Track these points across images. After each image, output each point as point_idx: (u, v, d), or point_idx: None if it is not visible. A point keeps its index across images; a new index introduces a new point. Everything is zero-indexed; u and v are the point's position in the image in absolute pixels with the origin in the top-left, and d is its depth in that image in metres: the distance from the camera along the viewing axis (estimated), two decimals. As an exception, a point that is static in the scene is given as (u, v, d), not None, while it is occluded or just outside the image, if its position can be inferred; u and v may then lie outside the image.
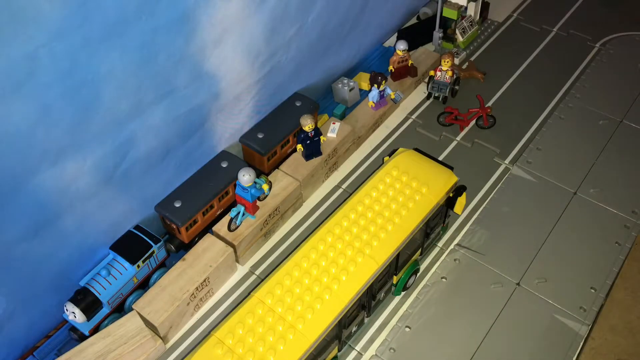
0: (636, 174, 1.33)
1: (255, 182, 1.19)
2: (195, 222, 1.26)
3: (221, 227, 1.25)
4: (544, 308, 1.19)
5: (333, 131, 1.40)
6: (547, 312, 1.18)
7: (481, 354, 1.13)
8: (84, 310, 1.12)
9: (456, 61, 1.71)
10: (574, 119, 1.55)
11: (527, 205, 1.36)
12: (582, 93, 1.62)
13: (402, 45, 1.53)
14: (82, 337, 1.14)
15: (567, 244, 1.29)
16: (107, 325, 1.14)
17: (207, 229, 1.30)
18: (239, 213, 1.23)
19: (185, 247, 1.27)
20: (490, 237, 1.31)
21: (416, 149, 1.26)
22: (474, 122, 1.55)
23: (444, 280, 1.23)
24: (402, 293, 1.22)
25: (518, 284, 1.22)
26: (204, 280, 1.18)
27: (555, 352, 1.13)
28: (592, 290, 1.21)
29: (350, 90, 1.57)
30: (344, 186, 1.43)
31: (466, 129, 1.54)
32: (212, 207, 1.29)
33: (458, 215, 1.33)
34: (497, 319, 1.17)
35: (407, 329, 1.16)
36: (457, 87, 1.60)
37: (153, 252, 1.21)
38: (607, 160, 1.45)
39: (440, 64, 1.54)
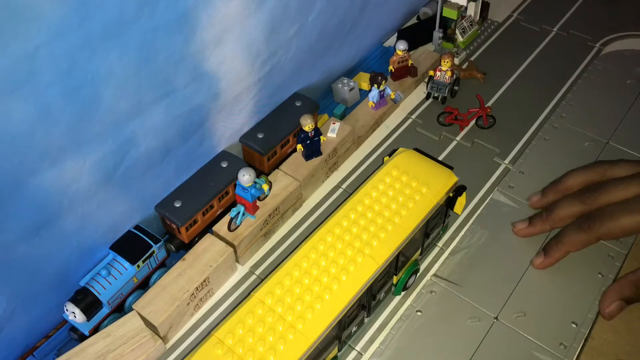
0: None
1: (255, 182, 1.19)
2: (195, 222, 1.26)
3: (221, 227, 1.25)
4: (523, 345, 1.12)
5: (333, 131, 1.40)
6: (526, 349, 1.12)
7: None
8: (84, 310, 1.12)
9: (456, 61, 1.71)
10: (558, 141, 1.48)
11: (508, 233, 1.30)
12: (567, 112, 1.55)
13: (402, 45, 1.53)
14: (82, 337, 1.14)
15: (548, 275, 1.22)
16: (107, 325, 1.14)
17: (207, 229, 1.30)
18: (239, 213, 1.23)
19: (185, 247, 1.27)
20: (468, 267, 1.24)
21: (416, 149, 1.26)
22: (473, 122, 1.55)
23: (418, 313, 1.18)
24: (402, 293, 1.22)
25: (496, 318, 1.16)
26: (204, 280, 1.18)
27: None
28: (574, 325, 1.15)
29: (350, 90, 1.57)
30: (344, 186, 1.43)
31: (466, 129, 1.54)
32: (212, 207, 1.29)
33: (458, 215, 1.33)
34: (472, 356, 1.11)
35: None
36: (456, 88, 1.60)
37: (153, 252, 1.21)
38: None
39: (440, 64, 1.54)
